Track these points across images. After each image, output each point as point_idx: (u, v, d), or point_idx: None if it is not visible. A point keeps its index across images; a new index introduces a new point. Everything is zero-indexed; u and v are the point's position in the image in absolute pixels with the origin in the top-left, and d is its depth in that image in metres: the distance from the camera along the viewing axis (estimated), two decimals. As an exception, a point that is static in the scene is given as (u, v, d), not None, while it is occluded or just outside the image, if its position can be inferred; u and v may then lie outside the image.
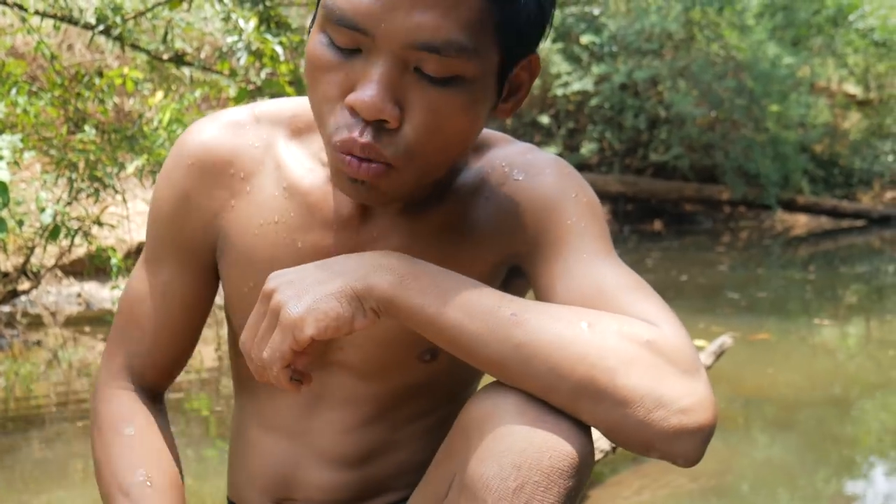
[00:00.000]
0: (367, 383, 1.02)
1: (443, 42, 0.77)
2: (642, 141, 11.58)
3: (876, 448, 2.53)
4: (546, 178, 0.97)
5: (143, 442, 1.01)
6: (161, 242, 1.02)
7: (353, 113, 0.80)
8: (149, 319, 1.03)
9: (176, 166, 1.00)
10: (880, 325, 4.66)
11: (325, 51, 0.81)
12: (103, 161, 3.57)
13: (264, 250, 0.97)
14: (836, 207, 11.59)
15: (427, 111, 0.81)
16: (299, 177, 0.97)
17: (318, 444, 1.06)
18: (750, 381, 3.23)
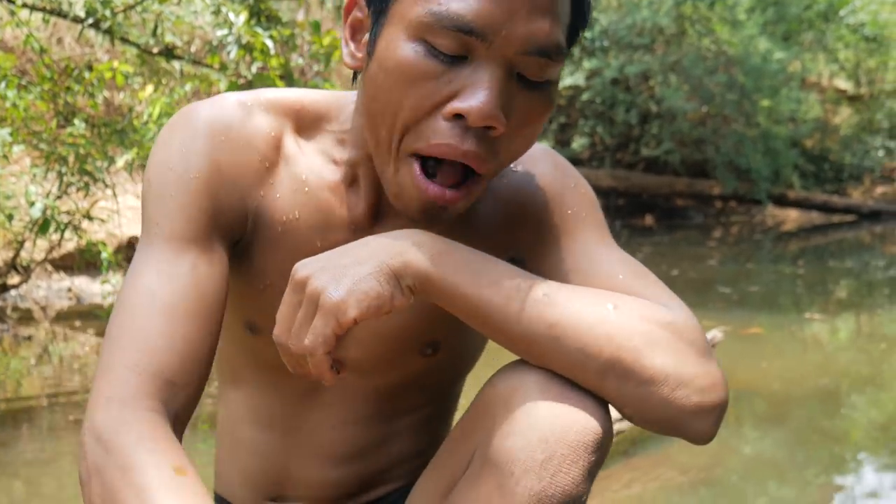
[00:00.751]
0: (365, 378, 1.02)
1: (554, 46, 0.80)
2: (633, 136, 11.60)
3: (865, 442, 2.55)
4: (544, 169, 0.99)
5: (199, 488, 0.75)
6: (189, 217, 0.88)
7: (451, 119, 0.80)
8: (178, 312, 0.83)
9: (197, 136, 0.91)
10: (870, 319, 4.68)
11: (423, 59, 0.79)
12: (93, 155, 3.56)
13: (286, 247, 0.95)
14: (827, 202, 11.63)
15: (524, 116, 0.82)
16: (315, 173, 0.94)
17: (312, 440, 1.05)
18: (741, 374, 3.24)
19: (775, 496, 2.11)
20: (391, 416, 1.05)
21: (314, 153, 0.95)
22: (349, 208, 0.94)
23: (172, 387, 0.81)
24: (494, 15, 0.77)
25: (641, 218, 11.41)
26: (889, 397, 3.06)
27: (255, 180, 0.93)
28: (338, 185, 0.94)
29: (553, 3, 0.80)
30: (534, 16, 0.78)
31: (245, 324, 1.00)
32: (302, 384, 1.02)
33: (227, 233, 0.92)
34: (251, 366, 1.06)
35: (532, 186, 0.98)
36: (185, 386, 0.83)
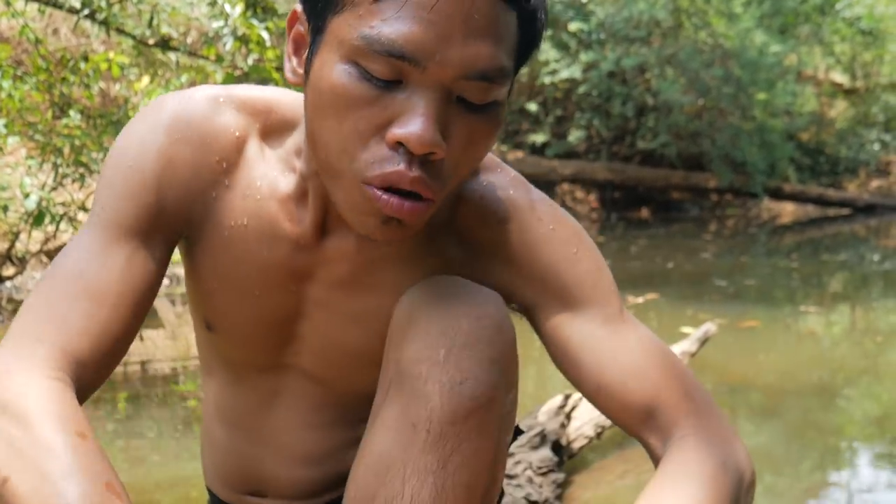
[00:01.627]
0: (324, 387, 1.03)
1: (495, 70, 0.77)
2: (630, 128, 11.58)
3: (860, 436, 2.55)
4: (541, 229, 0.95)
5: (100, 452, 0.75)
6: (132, 209, 0.89)
7: (394, 147, 0.77)
8: (102, 297, 0.84)
9: (156, 129, 0.91)
10: (865, 312, 4.69)
11: (357, 83, 0.76)
12: (88, 146, 3.55)
13: (232, 253, 0.94)
14: (822, 196, 11.64)
15: (467, 140, 0.80)
16: (270, 181, 0.93)
17: (279, 441, 1.06)
18: (736, 368, 3.24)
19: (770, 490, 2.11)
20: (355, 423, 1.04)
21: (274, 159, 0.94)
22: (295, 223, 0.93)
23: (79, 366, 0.82)
24: (428, 40, 0.74)
25: (637, 211, 11.41)
26: (884, 390, 3.06)
27: (208, 180, 0.92)
28: (287, 198, 0.92)
29: (493, 25, 0.76)
30: (471, 40, 0.75)
31: (202, 320, 1.01)
32: (262, 385, 1.04)
33: (171, 230, 0.92)
34: (216, 362, 1.08)
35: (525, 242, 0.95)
36: (92, 367, 0.83)
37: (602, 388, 0.91)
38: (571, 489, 2.01)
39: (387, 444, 0.86)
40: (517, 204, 0.95)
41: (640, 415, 0.91)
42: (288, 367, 1.02)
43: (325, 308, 0.97)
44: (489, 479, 0.87)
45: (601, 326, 0.92)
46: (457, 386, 0.83)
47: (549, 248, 0.94)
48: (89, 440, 0.74)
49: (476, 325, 0.85)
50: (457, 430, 0.83)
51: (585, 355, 0.92)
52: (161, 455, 2.34)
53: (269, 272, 0.94)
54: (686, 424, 0.90)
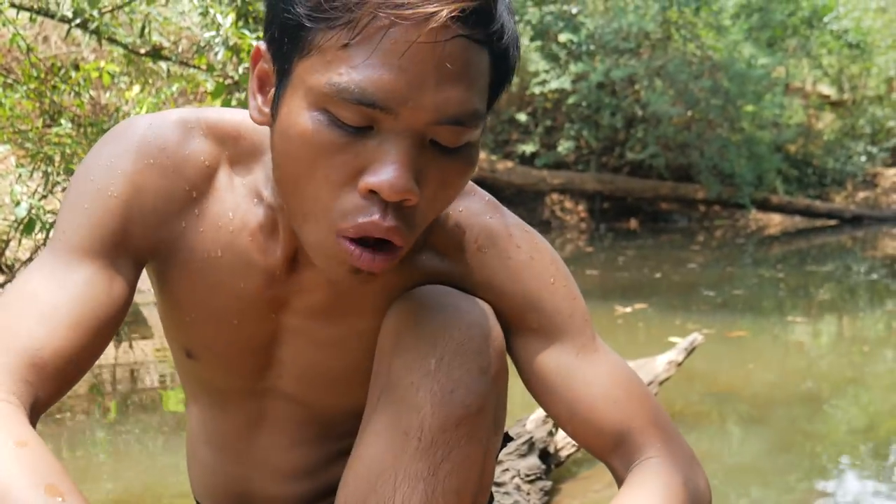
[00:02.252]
0: (308, 407, 1.03)
1: (468, 114, 0.75)
2: (619, 139, 11.64)
3: (847, 446, 2.57)
4: (520, 257, 0.95)
5: (44, 457, 0.72)
6: (98, 231, 0.87)
7: (367, 196, 0.75)
8: (62, 317, 0.81)
9: (126, 153, 0.88)
10: (852, 322, 4.73)
11: (327, 131, 0.74)
12: (79, 155, 3.55)
13: (207, 283, 0.93)
14: (810, 207, 11.72)
15: (440, 182, 0.78)
16: (241, 213, 0.91)
17: (266, 462, 1.07)
18: (724, 377, 3.26)
19: (757, 500, 2.12)
20: (341, 436, 1.05)
21: (243, 188, 0.92)
22: (266, 255, 0.91)
23: (29, 386, 0.78)
24: (399, 87, 0.71)
25: (626, 221, 11.45)
26: (870, 400, 3.09)
27: (177, 209, 0.90)
28: (257, 230, 0.91)
29: (465, 68, 0.73)
30: (443, 85, 0.72)
31: (182, 349, 1.00)
32: (246, 408, 1.04)
33: (136, 256, 0.90)
34: (199, 388, 1.08)
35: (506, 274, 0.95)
36: (43, 388, 0.80)
37: (575, 416, 0.94)
38: (558, 497, 2.02)
39: (378, 451, 0.87)
40: (495, 230, 0.95)
41: (611, 441, 0.93)
42: (270, 390, 1.02)
43: (303, 335, 0.97)
44: (478, 486, 0.88)
45: (575, 357, 0.94)
46: (447, 395, 0.85)
47: (528, 277, 0.95)
48: (30, 447, 0.71)
49: (466, 334, 0.87)
50: (447, 437, 0.85)
51: (559, 383, 0.94)
52: (149, 462, 2.34)
53: (246, 302, 0.93)
54: (652, 449, 0.93)
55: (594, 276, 6.33)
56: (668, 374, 2.54)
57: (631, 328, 4.32)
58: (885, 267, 7.15)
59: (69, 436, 2.61)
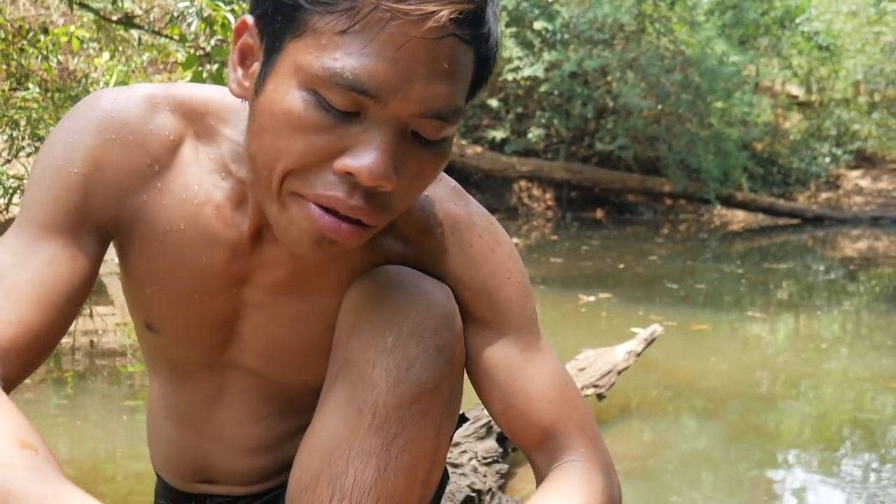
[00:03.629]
0: (269, 381, 1.04)
1: (451, 110, 0.77)
2: (589, 130, 11.70)
3: (797, 441, 2.63)
4: (481, 246, 0.97)
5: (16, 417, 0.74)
6: (58, 207, 0.88)
7: (340, 175, 0.76)
8: (25, 294, 0.84)
9: (87, 128, 0.89)
10: (809, 320, 4.81)
11: (313, 111, 0.75)
12: (46, 120, 3.50)
13: (169, 257, 0.93)
14: (773, 205, 11.87)
15: (416, 172, 0.80)
16: (205, 187, 0.91)
17: (226, 435, 1.07)
18: (682, 370, 3.31)
19: (708, 490, 2.17)
20: (301, 412, 1.06)
21: (209, 163, 0.92)
22: (231, 228, 0.92)
23: (2, 361, 0.81)
24: (391, 78, 0.73)
25: (592, 211, 11.53)
26: (822, 396, 3.15)
27: (139, 183, 0.90)
28: (224, 203, 0.91)
29: (454, 66, 0.76)
30: (433, 80, 0.75)
31: (143, 321, 1.01)
32: (207, 382, 1.05)
33: (99, 231, 0.91)
34: (159, 361, 1.08)
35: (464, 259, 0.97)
36: (14, 363, 0.82)
37: (510, 409, 0.97)
38: (513, 481, 2.05)
39: (333, 427, 0.89)
40: (459, 218, 0.97)
41: (539, 438, 0.97)
42: (231, 364, 1.03)
43: (265, 310, 0.97)
44: (431, 463, 0.90)
45: (519, 353, 0.97)
46: (403, 372, 0.86)
47: (486, 268, 0.97)
48: (3, 409, 0.73)
49: (424, 314, 0.88)
50: (401, 414, 0.86)
51: (500, 376, 0.96)
52: (107, 432, 2.33)
53: (208, 276, 0.94)
54: (576, 452, 0.96)
55: (559, 264, 6.38)
56: (627, 364, 2.58)
57: (594, 317, 4.37)
58: (843, 267, 7.28)
59: (27, 406, 2.59)
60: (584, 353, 2.59)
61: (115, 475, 2.04)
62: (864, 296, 5.75)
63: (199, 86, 0.95)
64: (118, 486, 1.98)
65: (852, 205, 12.91)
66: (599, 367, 2.46)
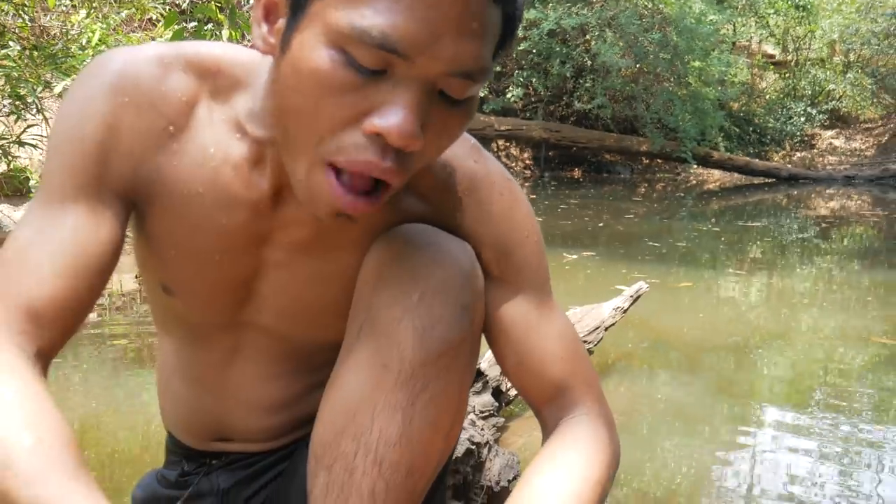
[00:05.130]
0: (285, 340, 1.05)
1: (479, 69, 0.76)
2: (567, 89, 11.70)
3: (768, 397, 2.69)
4: (501, 204, 0.98)
5: (23, 403, 0.75)
6: (76, 176, 0.87)
7: (370, 136, 0.76)
8: (52, 265, 0.84)
9: (100, 93, 0.88)
10: (783, 277, 4.90)
11: (341, 69, 0.74)
12: (26, 78, 3.47)
13: (189, 220, 0.92)
14: (748, 164, 11.96)
15: (442, 132, 0.80)
16: (222, 147, 0.90)
17: (241, 394, 1.08)
18: (660, 325, 3.37)
19: (681, 443, 2.22)
20: (317, 369, 1.07)
21: (224, 123, 0.90)
22: (251, 189, 0.91)
23: (34, 336, 0.82)
24: (420, 36, 0.72)
25: (570, 170, 11.58)
26: (795, 354, 3.23)
27: (154, 146, 0.89)
28: (242, 163, 0.90)
29: (483, 24, 0.75)
30: (462, 38, 0.73)
31: (159, 284, 1.00)
32: (223, 342, 1.05)
33: (119, 197, 0.89)
34: (174, 322, 1.08)
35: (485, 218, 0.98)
36: (49, 335, 0.83)
37: (522, 365, 0.99)
38: (506, 434, 2.11)
39: (357, 383, 0.90)
40: (478, 176, 0.97)
41: (550, 393, 1.00)
42: (248, 323, 1.03)
43: (285, 269, 0.98)
44: (453, 418, 0.92)
45: (534, 309, 0.99)
46: (428, 329, 0.87)
47: (506, 226, 0.98)
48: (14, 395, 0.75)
49: (448, 272, 0.89)
50: (426, 370, 0.87)
51: (515, 332, 0.98)
52: (86, 396, 2.35)
53: (228, 237, 0.94)
54: (583, 407, 1.00)
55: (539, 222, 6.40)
56: (614, 320, 2.63)
57: (578, 275, 4.42)
58: (817, 225, 7.39)
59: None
60: (571, 309, 2.63)
61: (96, 439, 2.07)
62: (837, 254, 5.86)
63: (207, 44, 0.93)
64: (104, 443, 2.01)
65: (826, 164, 13.04)
66: (587, 324, 2.51)
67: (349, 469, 0.89)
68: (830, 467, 2.07)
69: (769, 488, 1.94)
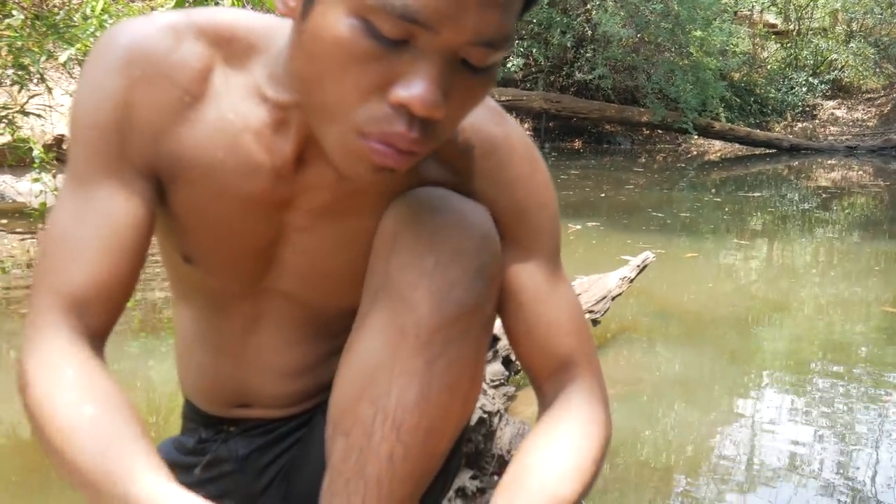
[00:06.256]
0: (306, 306, 1.05)
1: (502, 38, 0.76)
2: (568, 59, 11.63)
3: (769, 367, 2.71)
4: (521, 169, 0.98)
5: (84, 380, 0.80)
6: (99, 158, 0.87)
7: (395, 107, 0.75)
8: (89, 248, 0.85)
9: (111, 70, 0.87)
10: (784, 247, 4.91)
11: (363, 39, 0.73)
12: (30, 47, 3.45)
13: (210, 188, 0.92)
14: (750, 135, 11.94)
15: (465, 100, 0.79)
16: (241, 113, 0.89)
17: (262, 361, 1.08)
18: (663, 295, 3.38)
19: (681, 413, 2.24)
20: (336, 335, 1.06)
21: (241, 89, 0.89)
22: (273, 154, 0.90)
23: (80, 319, 0.85)
24: (444, 7, 0.71)
25: (571, 141, 11.55)
26: (797, 324, 3.24)
27: (172, 118, 0.88)
28: (262, 128, 0.89)
29: None
30: (485, 8, 0.72)
31: (180, 253, 1.00)
32: (243, 309, 1.05)
33: (145, 170, 0.89)
34: (193, 291, 1.08)
35: (507, 184, 0.97)
36: (98, 318, 0.86)
37: (531, 334, 0.99)
38: (515, 403, 2.12)
39: (374, 348, 0.90)
40: (498, 140, 0.97)
41: (553, 366, 0.99)
42: (268, 290, 1.03)
43: (307, 233, 0.97)
44: (470, 383, 0.92)
45: (545, 278, 0.98)
46: (445, 293, 0.86)
47: (524, 191, 0.97)
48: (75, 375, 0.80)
49: (464, 235, 0.88)
50: (443, 335, 0.87)
51: (527, 301, 0.98)
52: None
53: (250, 204, 0.93)
54: (583, 382, 0.99)
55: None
56: (621, 290, 2.64)
57: (584, 245, 4.43)
58: (818, 196, 7.39)
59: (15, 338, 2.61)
60: (577, 279, 2.65)
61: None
62: (838, 224, 5.87)
63: (219, 9, 0.92)
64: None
65: (828, 135, 13.01)
66: (594, 294, 2.52)
67: (367, 434, 0.89)
68: (831, 437, 2.09)
69: (769, 458, 1.96)
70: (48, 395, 0.78)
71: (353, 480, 0.91)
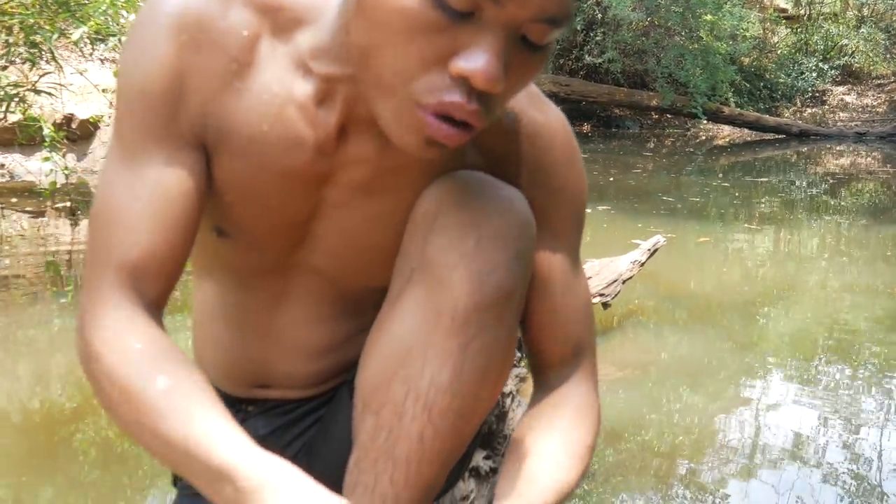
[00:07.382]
0: (335, 283, 1.04)
1: (564, 15, 0.76)
2: (578, 42, 11.59)
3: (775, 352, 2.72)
4: (562, 155, 0.98)
5: (152, 350, 0.82)
6: (149, 128, 0.86)
7: (456, 78, 0.75)
8: (143, 220, 0.85)
9: (159, 36, 0.85)
10: (793, 233, 4.91)
11: (429, 10, 0.73)
12: (41, 24, 3.45)
13: (252, 161, 0.91)
14: (759, 120, 11.88)
15: (519, 78, 0.79)
16: (286, 85, 0.88)
17: (287, 338, 1.08)
18: (672, 279, 3.39)
19: (686, 398, 2.25)
20: (361, 313, 1.06)
21: (286, 60, 0.89)
22: (316, 127, 0.89)
23: (137, 291, 0.86)
24: None
25: (580, 125, 11.51)
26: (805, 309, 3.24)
27: (220, 86, 0.88)
28: (307, 102, 0.89)
29: None
30: None
31: (212, 227, 0.99)
32: (271, 285, 1.04)
33: (193, 140, 0.89)
34: (221, 265, 1.06)
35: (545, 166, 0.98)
36: (154, 289, 0.87)
37: (549, 320, 1.00)
38: (527, 385, 2.13)
39: (408, 328, 0.89)
40: (540, 125, 0.97)
41: (562, 353, 1.01)
42: (298, 266, 1.02)
43: (343, 209, 0.97)
44: (502, 366, 0.91)
45: (570, 264, 1.00)
46: (484, 276, 0.86)
47: (562, 179, 0.98)
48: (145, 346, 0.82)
49: (504, 219, 0.88)
50: (479, 318, 0.86)
51: (552, 285, 0.98)
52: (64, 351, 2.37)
53: (290, 178, 0.92)
54: (584, 371, 1.02)
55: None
56: (632, 273, 2.65)
57: (595, 228, 4.44)
58: (826, 182, 7.37)
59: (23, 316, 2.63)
60: (589, 262, 2.65)
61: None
62: (847, 210, 5.86)
63: None
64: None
65: (837, 120, 12.95)
66: (605, 277, 2.53)
67: (398, 413, 0.89)
68: (837, 422, 2.10)
69: (774, 443, 1.97)
70: (118, 368, 0.80)
71: (381, 459, 0.91)
